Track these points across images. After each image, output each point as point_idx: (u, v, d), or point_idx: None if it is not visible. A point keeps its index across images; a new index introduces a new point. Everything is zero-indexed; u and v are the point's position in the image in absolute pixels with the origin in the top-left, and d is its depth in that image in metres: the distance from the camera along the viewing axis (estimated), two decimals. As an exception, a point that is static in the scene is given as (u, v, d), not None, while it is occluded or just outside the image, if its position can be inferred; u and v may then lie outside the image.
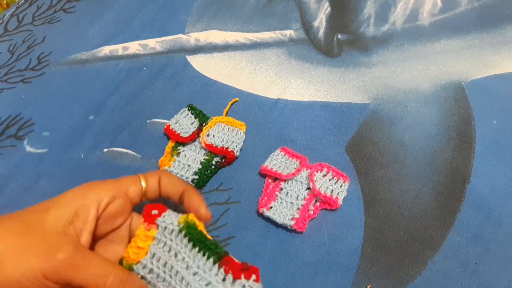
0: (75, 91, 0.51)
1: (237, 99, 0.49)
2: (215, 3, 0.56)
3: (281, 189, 0.42)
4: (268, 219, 0.41)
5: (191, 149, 0.45)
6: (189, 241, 0.34)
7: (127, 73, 0.51)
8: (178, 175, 0.43)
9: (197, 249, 0.34)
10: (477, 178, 0.42)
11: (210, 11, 0.55)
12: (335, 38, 0.52)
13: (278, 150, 0.44)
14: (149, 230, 0.35)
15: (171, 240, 0.35)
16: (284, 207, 0.41)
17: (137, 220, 0.37)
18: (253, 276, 0.33)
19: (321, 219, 0.41)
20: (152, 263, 0.34)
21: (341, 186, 0.42)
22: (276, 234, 0.41)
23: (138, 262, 0.35)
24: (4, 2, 0.98)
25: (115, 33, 0.55)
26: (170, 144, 0.45)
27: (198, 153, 0.44)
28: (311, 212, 0.41)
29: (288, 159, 0.43)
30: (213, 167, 0.44)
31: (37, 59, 0.53)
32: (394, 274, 0.38)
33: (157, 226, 0.35)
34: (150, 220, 0.36)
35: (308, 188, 0.41)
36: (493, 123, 0.45)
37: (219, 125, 0.45)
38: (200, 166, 0.43)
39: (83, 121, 0.48)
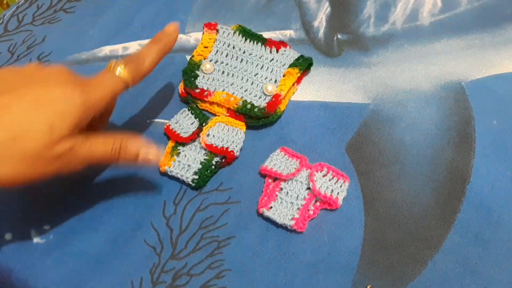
0: (75, 91, 0.50)
1: (237, 99, 0.49)
2: (215, 3, 0.56)
3: (281, 189, 0.42)
4: (268, 219, 0.41)
5: (191, 149, 0.45)
6: (242, 36, 0.50)
7: (127, 73, 0.51)
8: (178, 175, 0.43)
9: (248, 40, 0.50)
10: (477, 178, 0.42)
11: (210, 11, 0.55)
12: (335, 38, 0.52)
13: (278, 150, 0.44)
14: (210, 34, 0.50)
15: (229, 39, 0.50)
16: (284, 207, 0.41)
17: None
18: (287, 47, 0.49)
19: (321, 219, 0.41)
20: (216, 55, 0.49)
21: (341, 186, 0.42)
22: (276, 234, 0.41)
23: (205, 58, 0.49)
24: (4, 2, 0.98)
25: (115, 33, 0.55)
26: (170, 144, 0.45)
27: (198, 153, 0.44)
28: (311, 212, 0.41)
29: (288, 159, 0.43)
30: (213, 167, 0.44)
31: (37, 59, 0.53)
32: (394, 274, 0.38)
33: (217, 31, 0.50)
34: (211, 27, 0.50)
35: (308, 188, 0.41)
36: (493, 123, 0.45)
37: (219, 125, 0.45)
38: (200, 166, 0.43)
39: (83, 121, 0.48)
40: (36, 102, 0.32)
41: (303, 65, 0.48)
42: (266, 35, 0.51)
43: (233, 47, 0.50)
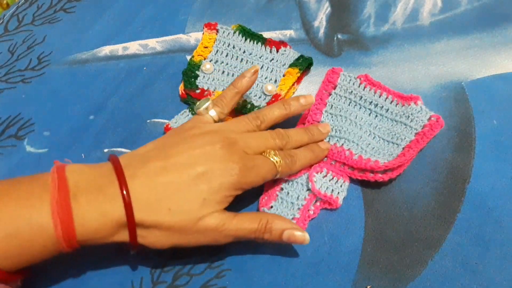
0: (75, 91, 0.51)
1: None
2: (215, 3, 0.56)
3: (282, 189, 0.42)
4: (268, 219, 0.41)
5: (191, 149, 0.45)
6: (242, 36, 0.50)
7: (127, 73, 0.51)
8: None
9: (248, 40, 0.50)
10: (477, 178, 0.42)
11: (210, 11, 0.55)
12: (335, 38, 0.52)
13: (278, 150, 0.44)
14: (210, 34, 0.51)
15: (229, 39, 0.50)
16: (285, 207, 0.41)
17: None
18: (287, 47, 0.50)
19: (321, 219, 0.41)
20: (216, 55, 0.50)
21: (341, 186, 0.42)
22: (276, 234, 0.41)
23: (205, 58, 0.49)
24: (4, 2, 0.98)
25: (115, 33, 0.55)
26: (170, 144, 0.45)
27: (198, 153, 0.44)
28: (311, 212, 0.41)
29: (288, 159, 0.43)
30: (213, 167, 0.44)
31: (37, 59, 0.53)
32: (394, 274, 0.38)
33: (217, 31, 0.51)
34: (211, 27, 0.51)
35: (309, 189, 0.41)
36: (493, 123, 0.45)
37: (219, 125, 0.45)
38: (200, 166, 0.43)
39: (83, 121, 0.48)
40: (196, 179, 0.35)
41: (303, 65, 0.48)
42: (266, 35, 0.51)
43: (233, 47, 0.50)
